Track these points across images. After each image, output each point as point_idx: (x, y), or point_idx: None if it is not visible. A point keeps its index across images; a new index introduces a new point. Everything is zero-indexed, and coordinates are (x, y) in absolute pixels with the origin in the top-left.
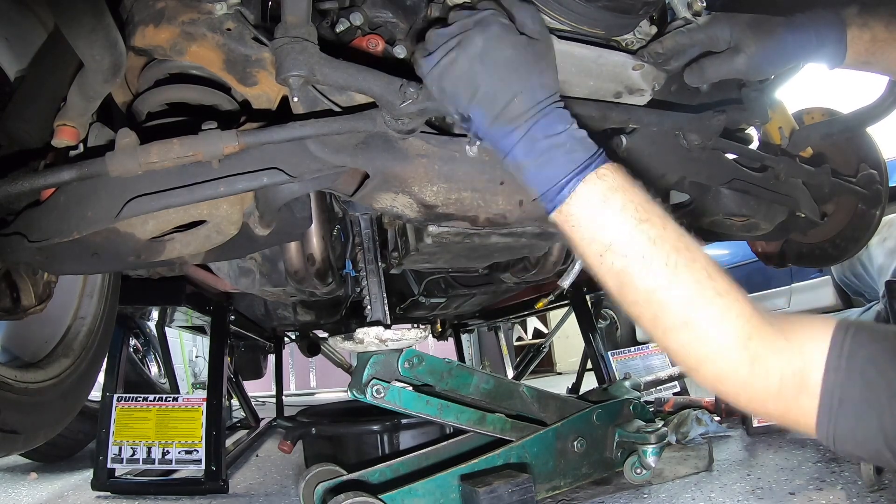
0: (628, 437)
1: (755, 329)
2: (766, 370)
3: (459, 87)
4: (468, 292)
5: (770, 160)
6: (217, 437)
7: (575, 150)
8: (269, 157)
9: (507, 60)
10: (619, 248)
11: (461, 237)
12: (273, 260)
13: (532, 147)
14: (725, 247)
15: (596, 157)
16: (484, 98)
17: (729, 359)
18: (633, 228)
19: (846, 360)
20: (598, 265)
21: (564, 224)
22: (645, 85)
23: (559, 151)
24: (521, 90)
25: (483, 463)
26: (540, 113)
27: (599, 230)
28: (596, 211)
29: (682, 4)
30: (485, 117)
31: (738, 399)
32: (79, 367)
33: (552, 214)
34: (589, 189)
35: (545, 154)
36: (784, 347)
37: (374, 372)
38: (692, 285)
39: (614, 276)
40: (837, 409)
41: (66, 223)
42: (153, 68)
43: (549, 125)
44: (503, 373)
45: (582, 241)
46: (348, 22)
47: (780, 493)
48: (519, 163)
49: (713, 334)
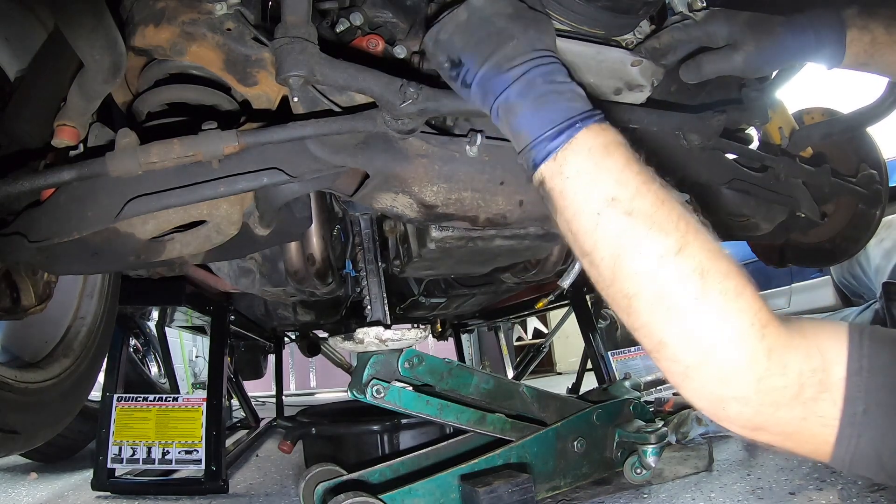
0: (628, 437)
1: (770, 316)
2: (783, 365)
3: (455, 34)
4: (468, 292)
5: (770, 160)
6: (217, 437)
7: (576, 100)
8: (269, 157)
9: (506, 13)
10: (623, 205)
11: (464, 241)
12: (273, 260)
13: (530, 88)
14: (725, 247)
15: (598, 113)
16: (479, 42)
17: (744, 346)
18: (641, 185)
19: (868, 360)
20: (593, 227)
21: (555, 176)
22: (644, 81)
23: (561, 97)
24: (520, 36)
25: (483, 463)
26: (539, 59)
27: (599, 183)
28: (597, 161)
29: (682, 4)
30: (477, 60)
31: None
32: (79, 367)
33: (542, 166)
34: (591, 137)
35: (545, 96)
36: (801, 344)
37: (374, 372)
38: (705, 254)
39: (613, 239)
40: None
41: (66, 223)
42: (153, 68)
43: (549, 73)
44: (503, 373)
45: (576, 196)
46: (348, 22)
47: (780, 493)
48: (511, 103)
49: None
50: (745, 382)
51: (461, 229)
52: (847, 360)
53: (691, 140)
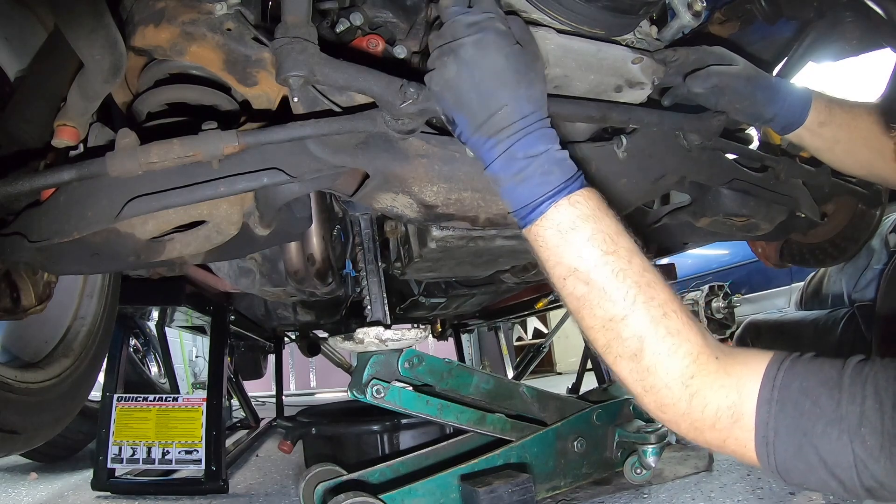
0: (628, 437)
1: (700, 367)
2: (703, 405)
3: (446, 91)
4: (468, 292)
5: (770, 160)
6: (217, 437)
7: (551, 173)
8: (269, 158)
9: (496, 70)
10: (582, 276)
11: (465, 241)
12: (273, 260)
13: (510, 164)
14: (725, 247)
15: (571, 182)
16: (469, 106)
17: (670, 393)
18: (598, 259)
19: (778, 392)
20: (561, 287)
21: (533, 242)
22: (645, 78)
23: (536, 172)
24: (508, 102)
25: (483, 463)
26: (523, 130)
27: (565, 255)
28: (563, 237)
29: (682, 4)
30: (468, 126)
31: (678, 427)
32: (79, 367)
33: (523, 231)
34: (559, 214)
35: (522, 172)
36: (724, 384)
37: (374, 372)
38: (646, 322)
39: (574, 300)
40: (774, 440)
41: (66, 223)
42: (153, 68)
43: (530, 144)
44: (503, 373)
45: (547, 261)
46: (348, 22)
47: (780, 493)
48: (497, 176)
49: (659, 369)
50: (673, 414)
51: (462, 229)
52: (759, 392)
53: (691, 140)
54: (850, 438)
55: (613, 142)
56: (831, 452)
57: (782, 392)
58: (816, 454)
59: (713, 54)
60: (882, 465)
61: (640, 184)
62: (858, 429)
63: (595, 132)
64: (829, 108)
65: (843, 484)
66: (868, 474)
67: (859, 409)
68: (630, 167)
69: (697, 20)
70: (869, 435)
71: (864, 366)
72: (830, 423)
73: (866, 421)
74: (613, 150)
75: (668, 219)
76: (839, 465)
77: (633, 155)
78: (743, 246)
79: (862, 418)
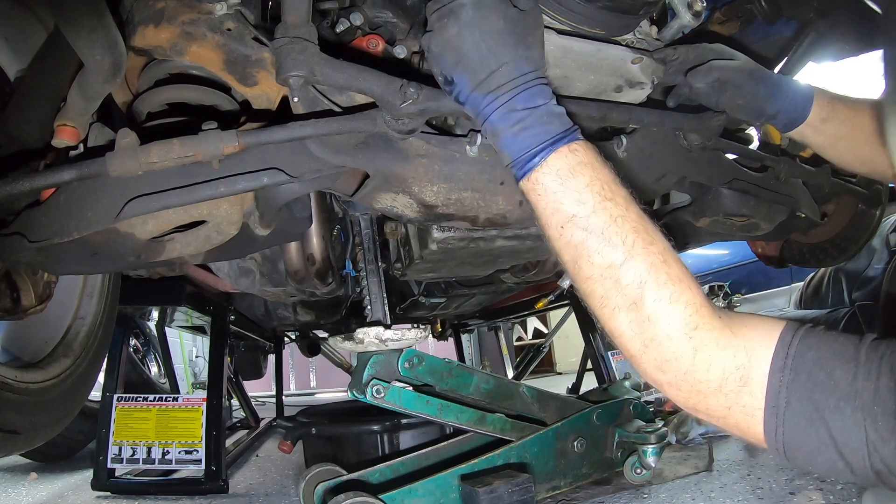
0: (628, 437)
1: (703, 320)
2: (708, 362)
3: (447, 51)
4: (468, 292)
5: (770, 160)
6: (217, 437)
7: (551, 123)
8: (269, 158)
9: (495, 31)
10: (580, 222)
11: (465, 242)
12: (273, 260)
13: (509, 115)
14: (725, 247)
15: (570, 132)
16: (469, 64)
17: (672, 346)
18: (597, 204)
19: (793, 361)
20: (558, 236)
21: (531, 192)
22: (644, 78)
23: (536, 122)
24: (507, 60)
25: (483, 463)
26: (522, 85)
27: (563, 201)
28: (563, 182)
29: (682, 4)
30: (468, 83)
31: (678, 389)
32: (79, 367)
33: (521, 182)
34: (559, 160)
35: (521, 122)
36: (730, 343)
37: (374, 372)
38: (646, 266)
39: (572, 248)
40: (785, 411)
41: (66, 223)
42: (153, 68)
43: (529, 97)
44: (503, 373)
45: (545, 209)
46: (348, 22)
47: (780, 493)
48: (495, 128)
49: (660, 317)
50: (675, 373)
51: (462, 230)
52: (772, 358)
53: (691, 140)
54: (863, 416)
55: (613, 142)
56: (843, 430)
57: (797, 361)
58: (827, 431)
59: (713, 51)
60: (892, 449)
61: (640, 184)
62: (872, 407)
63: (595, 132)
64: (832, 104)
65: (851, 466)
66: (878, 457)
67: (874, 386)
68: (630, 167)
69: (697, 20)
70: (882, 415)
71: (881, 344)
72: (844, 399)
73: (880, 400)
74: (613, 150)
75: (668, 219)
76: (849, 445)
77: (633, 155)
78: (743, 246)
79: (876, 396)
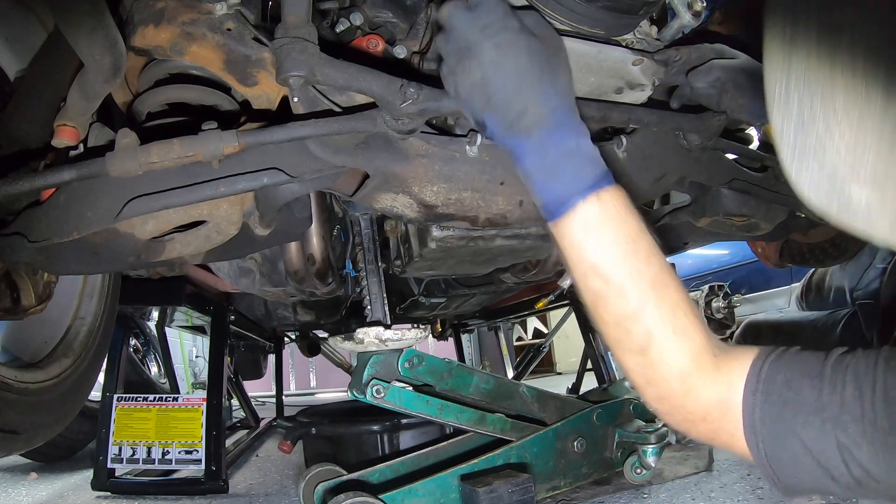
0: (628, 437)
1: (697, 366)
2: (696, 399)
3: (474, 96)
4: (468, 292)
5: (770, 160)
6: (217, 437)
7: (582, 168)
8: (269, 158)
9: (520, 68)
10: (602, 273)
11: (465, 241)
12: (273, 260)
13: (542, 159)
14: (725, 247)
15: (601, 179)
16: (497, 107)
17: (668, 386)
18: (619, 259)
19: (763, 384)
20: (581, 281)
21: (559, 236)
22: (645, 80)
23: (567, 167)
24: (534, 98)
25: (483, 463)
26: (553, 123)
27: (587, 250)
28: (588, 233)
29: (682, 4)
30: (498, 125)
31: (673, 419)
32: (79, 367)
33: (549, 224)
34: (587, 211)
35: (553, 167)
36: (716, 379)
37: (374, 372)
38: (655, 320)
39: (591, 294)
40: (760, 427)
41: (66, 223)
42: (153, 68)
43: (560, 138)
44: (503, 373)
45: (570, 256)
46: (348, 22)
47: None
48: (528, 171)
49: (660, 365)
50: (670, 406)
51: (462, 229)
52: (745, 384)
53: (691, 140)
54: (832, 426)
55: (613, 142)
56: (815, 440)
57: (766, 384)
58: (801, 443)
59: (714, 50)
60: (865, 452)
61: (641, 184)
62: (840, 416)
63: (595, 132)
64: None
65: (833, 476)
66: (854, 462)
67: (839, 397)
68: (630, 167)
69: (697, 20)
70: (851, 422)
71: (846, 356)
72: (812, 413)
73: (847, 408)
74: (613, 150)
75: (668, 219)
76: (824, 453)
77: (633, 155)
78: (743, 246)
79: (842, 406)
